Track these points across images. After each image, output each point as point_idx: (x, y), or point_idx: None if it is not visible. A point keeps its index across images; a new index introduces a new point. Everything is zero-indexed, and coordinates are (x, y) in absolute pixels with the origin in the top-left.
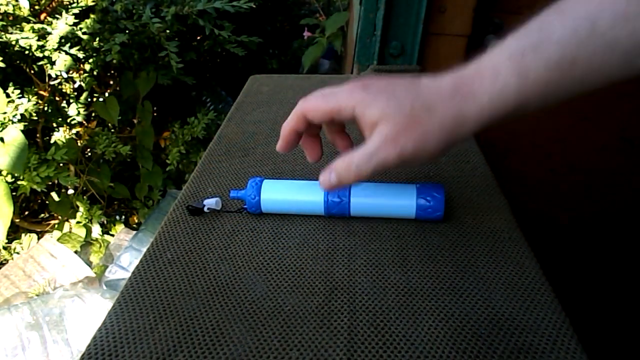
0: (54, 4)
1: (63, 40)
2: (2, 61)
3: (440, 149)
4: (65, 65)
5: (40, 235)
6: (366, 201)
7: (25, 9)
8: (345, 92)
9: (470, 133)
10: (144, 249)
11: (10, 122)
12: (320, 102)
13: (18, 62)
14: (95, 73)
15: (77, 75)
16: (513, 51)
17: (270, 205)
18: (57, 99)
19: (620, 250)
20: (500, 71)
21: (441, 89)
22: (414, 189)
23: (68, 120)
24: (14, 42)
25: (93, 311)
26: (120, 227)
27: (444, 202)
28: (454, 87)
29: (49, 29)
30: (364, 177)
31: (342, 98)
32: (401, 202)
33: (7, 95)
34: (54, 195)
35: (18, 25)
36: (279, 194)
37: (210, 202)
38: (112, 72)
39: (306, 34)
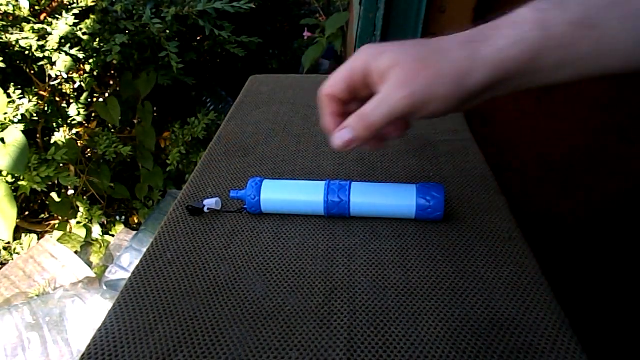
0: (54, 4)
1: (63, 41)
2: (2, 61)
3: (451, 95)
4: (65, 65)
5: (40, 235)
6: (366, 201)
7: (25, 9)
8: (354, 55)
9: (482, 82)
10: (144, 249)
11: (10, 123)
12: (335, 74)
13: (18, 62)
14: (95, 73)
15: (77, 75)
16: (536, 4)
17: (270, 205)
18: (57, 99)
19: (621, 250)
20: (520, 21)
21: (455, 37)
22: (413, 189)
23: (68, 121)
24: (14, 43)
25: (93, 311)
26: (120, 228)
27: (444, 203)
28: (469, 36)
29: (49, 29)
30: (376, 126)
31: (352, 59)
32: (401, 202)
33: (8, 96)
34: (54, 195)
35: (18, 26)
36: (279, 194)
37: (210, 202)
38: (112, 72)
39: (306, 34)
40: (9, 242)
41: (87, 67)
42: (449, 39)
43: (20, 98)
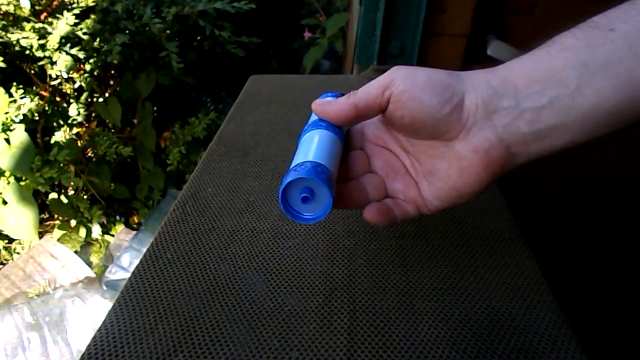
0: (54, 4)
1: (64, 41)
2: (2, 61)
3: (441, 75)
4: (65, 65)
5: (40, 235)
6: None
7: (26, 8)
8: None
9: (473, 81)
10: (144, 249)
11: (12, 122)
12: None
13: (18, 62)
14: (95, 73)
15: (78, 75)
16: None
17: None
18: (57, 99)
19: (621, 250)
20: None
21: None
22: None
23: (68, 121)
24: (14, 42)
25: (93, 311)
26: (120, 228)
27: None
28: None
29: (49, 28)
30: (357, 102)
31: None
32: None
33: (10, 95)
34: (54, 195)
35: (19, 25)
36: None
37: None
38: (113, 72)
39: (306, 34)
40: (9, 242)
41: (88, 67)
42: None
43: (22, 97)
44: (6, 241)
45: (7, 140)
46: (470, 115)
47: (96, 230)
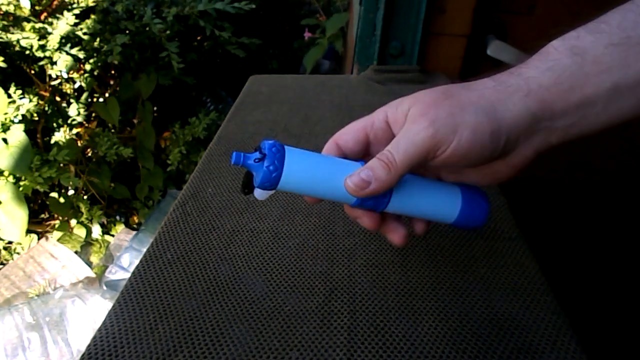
0: (54, 4)
1: (64, 41)
2: (2, 61)
3: (482, 123)
4: (66, 65)
5: (40, 235)
6: (408, 199)
7: (26, 9)
8: (380, 108)
9: (518, 111)
10: (144, 249)
11: (11, 123)
12: (353, 122)
13: (19, 62)
14: (95, 73)
15: (78, 75)
16: (565, 36)
17: (292, 182)
18: (57, 99)
19: (621, 250)
20: (550, 51)
21: (480, 79)
22: (458, 192)
23: (68, 121)
24: (14, 42)
25: (93, 311)
26: (120, 228)
27: (488, 212)
28: (495, 76)
29: (49, 28)
30: (400, 172)
31: (376, 111)
32: (444, 206)
33: (9, 96)
34: (54, 195)
35: (19, 25)
36: (307, 171)
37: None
38: (113, 72)
39: (307, 34)
40: (9, 242)
41: (88, 67)
42: (477, 80)
43: (20, 98)
44: (6, 241)
45: (5, 140)
46: (511, 142)
47: (96, 231)
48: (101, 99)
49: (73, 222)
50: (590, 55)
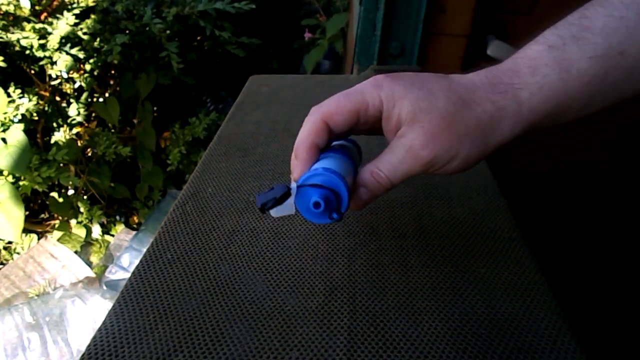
0: (54, 4)
1: (64, 40)
2: (2, 61)
3: (474, 154)
4: (66, 65)
5: (40, 235)
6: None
7: (26, 8)
8: (370, 85)
9: (505, 137)
10: (144, 249)
11: (10, 123)
12: (343, 100)
13: (19, 62)
14: (95, 73)
15: (78, 75)
16: (552, 42)
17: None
18: (57, 99)
19: (621, 250)
20: (540, 64)
21: (475, 84)
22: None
23: (68, 121)
24: (14, 42)
25: (93, 311)
26: (120, 228)
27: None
28: (489, 83)
29: (49, 28)
30: (393, 184)
31: (368, 92)
32: None
33: (8, 95)
34: (54, 195)
35: (19, 25)
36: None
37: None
38: (113, 72)
39: (307, 34)
40: (9, 242)
41: (88, 67)
42: (469, 83)
43: (20, 97)
44: (6, 241)
45: (4, 140)
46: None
47: (96, 230)
48: (101, 99)
49: (73, 222)
50: (575, 68)
